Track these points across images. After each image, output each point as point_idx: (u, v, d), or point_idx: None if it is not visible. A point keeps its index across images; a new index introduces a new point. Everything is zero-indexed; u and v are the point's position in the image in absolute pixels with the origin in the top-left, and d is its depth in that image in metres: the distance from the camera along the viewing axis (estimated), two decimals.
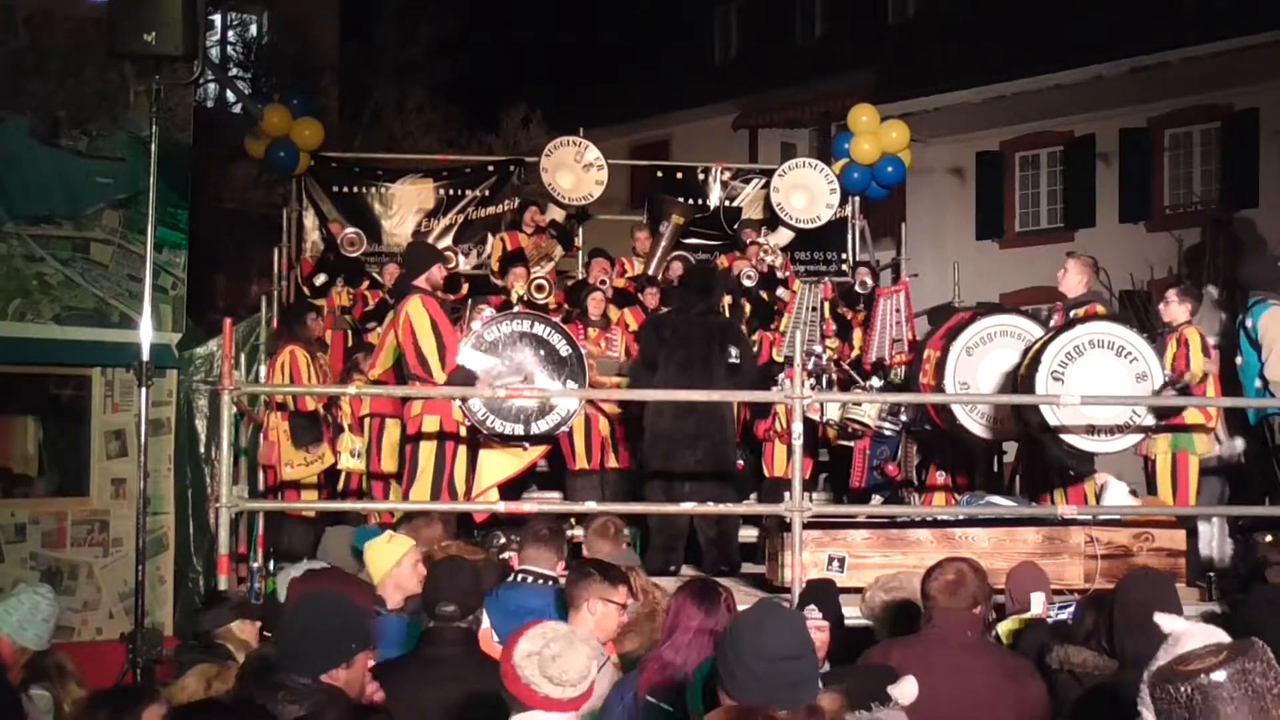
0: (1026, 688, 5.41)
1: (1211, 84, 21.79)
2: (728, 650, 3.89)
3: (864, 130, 15.65)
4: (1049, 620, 6.79)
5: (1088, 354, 9.18)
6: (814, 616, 6.21)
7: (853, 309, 13.86)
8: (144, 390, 9.34)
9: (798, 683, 3.83)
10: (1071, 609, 6.53)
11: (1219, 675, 2.84)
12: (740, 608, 6.28)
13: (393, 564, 6.69)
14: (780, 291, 13.92)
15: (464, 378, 9.46)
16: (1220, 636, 3.44)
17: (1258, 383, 10.73)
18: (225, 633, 6.30)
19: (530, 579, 6.34)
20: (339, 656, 4.36)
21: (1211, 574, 9.48)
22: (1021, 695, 5.35)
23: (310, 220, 15.56)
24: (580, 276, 14.58)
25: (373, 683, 4.61)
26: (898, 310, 13.01)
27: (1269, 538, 8.55)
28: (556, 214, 15.16)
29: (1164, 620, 3.54)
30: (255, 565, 10.12)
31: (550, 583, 6.31)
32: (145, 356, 9.29)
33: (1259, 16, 20.17)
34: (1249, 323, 10.86)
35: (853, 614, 7.04)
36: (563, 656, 4.02)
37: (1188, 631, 3.47)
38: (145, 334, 9.46)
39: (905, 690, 4.66)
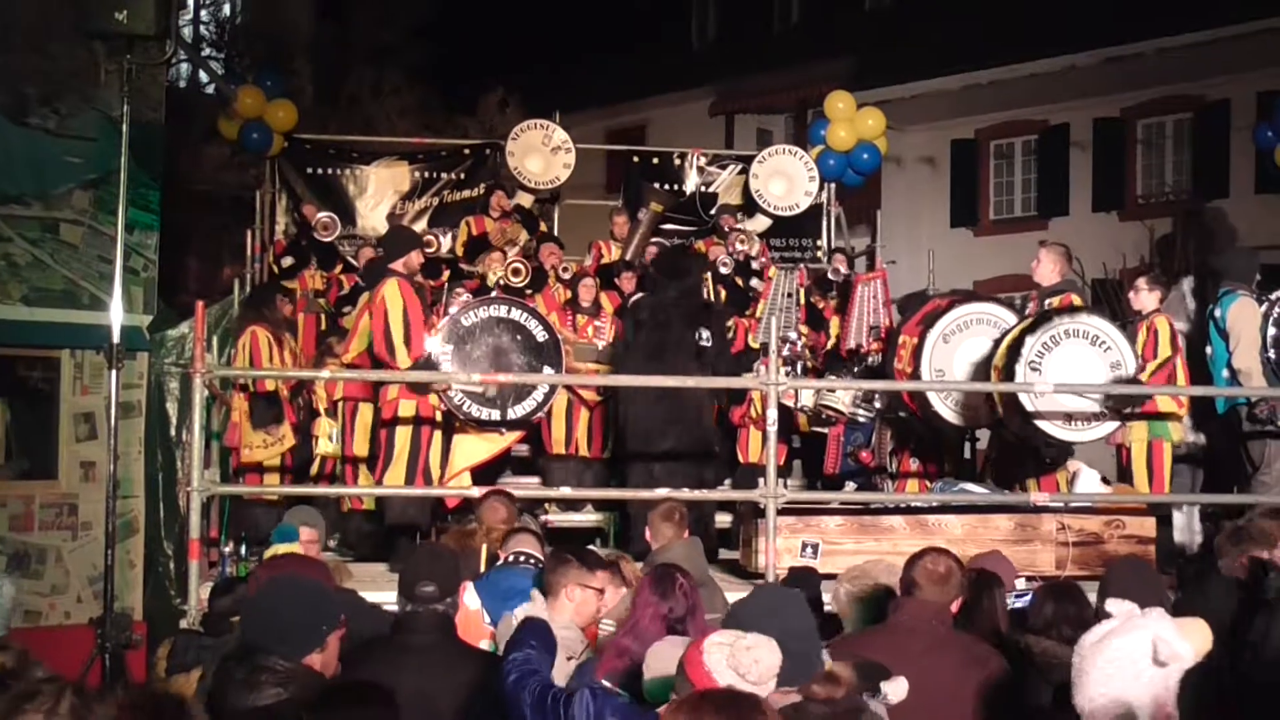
0: (991, 673, 5.44)
1: (1184, 75, 21.87)
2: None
3: (840, 117, 15.65)
4: (1008, 609, 6.81)
5: (1063, 344, 9.22)
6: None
7: (825, 296, 13.84)
8: (114, 373, 9.28)
9: (810, 659, 3.99)
10: (1029, 598, 6.55)
11: None
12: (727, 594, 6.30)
13: None
14: (755, 281, 13.91)
15: (428, 366, 9.43)
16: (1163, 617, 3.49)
17: (1225, 372, 10.79)
18: None
19: (523, 559, 6.34)
20: (313, 642, 4.35)
21: (1182, 560, 9.54)
22: (986, 681, 5.38)
23: (283, 202, 15.49)
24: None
25: None
26: (874, 297, 13.01)
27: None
28: (524, 199, 15.10)
29: (1113, 604, 3.58)
30: (227, 550, 10.07)
31: (537, 564, 6.30)
32: (115, 339, 9.23)
33: (1231, 8, 20.24)
34: (1218, 313, 10.93)
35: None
36: (757, 649, 3.93)
37: (1135, 612, 3.51)
38: (116, 316, 9.39)
39: (896, 689, 4.66)
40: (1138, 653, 3.51)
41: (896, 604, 5.60)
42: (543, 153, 15.19)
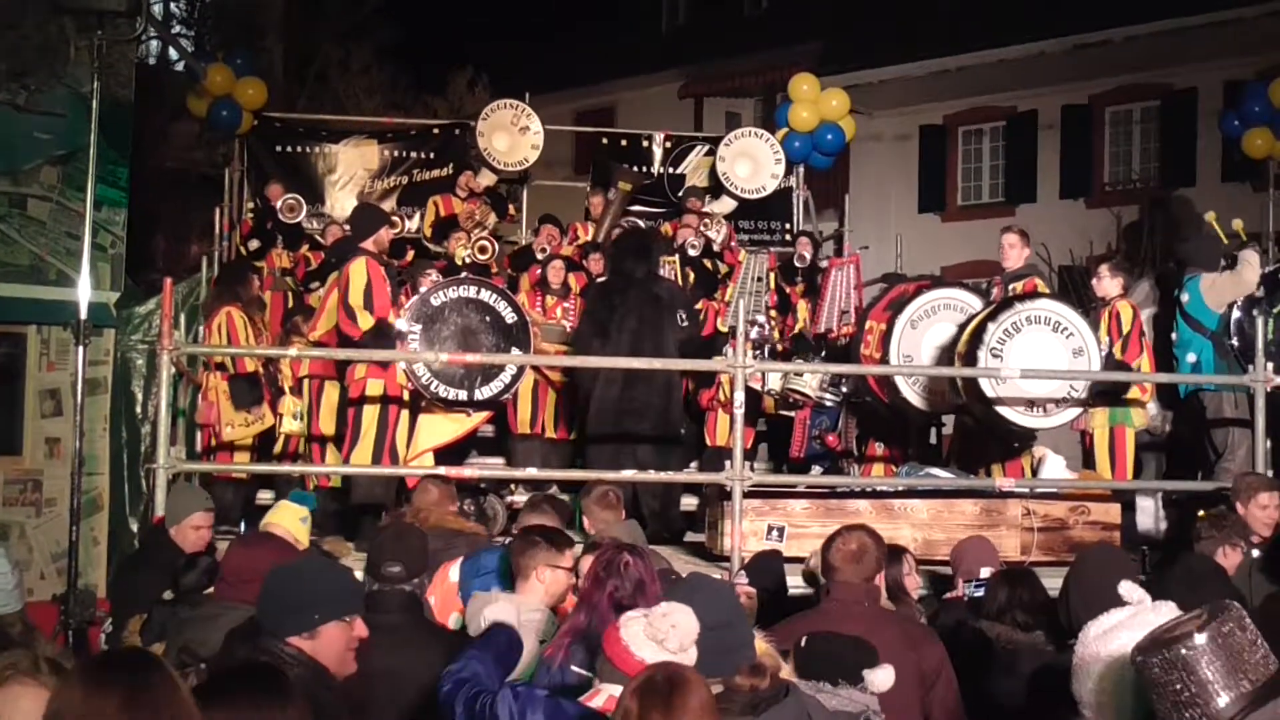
0: (926, 651, 5.50)
1: (1152, 63, 21.99)
2: None
3: (804, 99, 15.69)
4: (965, 599, 6.89)
5: (1025, 330, 9.27)
6: (740, 582, 6.23)
7: (790, 282, 13.87)
8: (81, 349, 9.26)
9: (730, 649, 3.95)
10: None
11: (1200, 639, 2.91)
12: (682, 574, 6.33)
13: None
14: (723, 264, 13.93)
15: (387, 331, 9.41)
16: (1170, 610, 3.48)
17: (1190, 357, 10.89)
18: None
19: None
20: (298, 625, 4.29)
21: (1145, 547, 9.62)
22: (921, 658, 5.44)
23: (252, 180, 15.45)
24: (525, 242, 14.53)
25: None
26: (846, 282, 13.06)
27: (1201, 513, 8.67)
28: (486, 178, 15.07)
29: (1127, 589, 3.58)
30: None
31: None
32: (83, 315, 9.21)
33: None
34: (1184, 297, 11.02)
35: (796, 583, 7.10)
36: (673, 614, 3.93)
37: (1145, 605, 3.50)
38: (83, 292, 9.38)
39: (880, 678, 4.68)
40: None
41: (826, 588, 5.61)
42: (510, 132, 15.15)
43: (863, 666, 4.69)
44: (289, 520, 6.95)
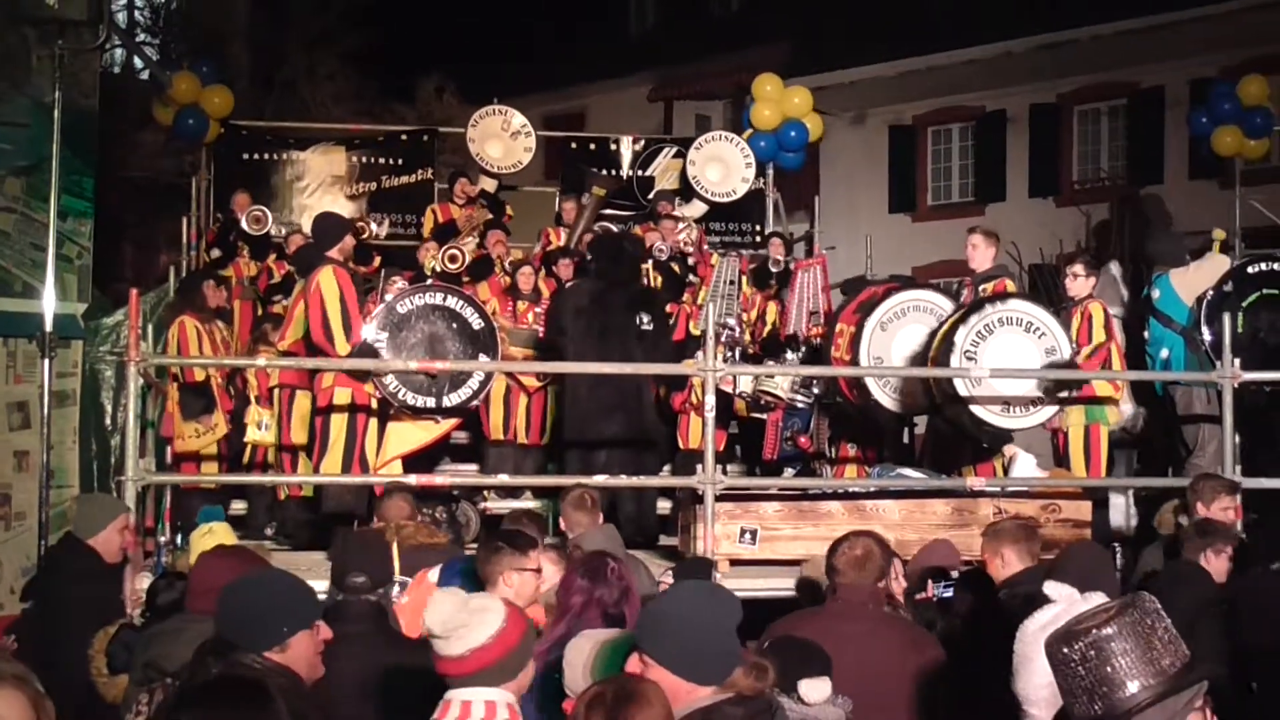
0: (927, 656, 5.49)
1: (1119, 61, 22.10)
2: (654, 621, 3.94)
3: (768, 98, 15.70)
4: (935, 599, 6.93)
5: (998, 332, 9.26)
6: (666, 582, 6.22)
7: (762, 287, 13.82)
8: (47, 361, 9.19)
9: (720, 654, 3.89)
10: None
11: (1109, 629, 2.94)
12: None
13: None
14: (691, 277, 13.89)
15: (367, 353, 9.36)
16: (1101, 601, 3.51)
17: (1162, 353, 10.92)
18: None
19: None
20: (270, 639, 4.27)
21: (1116, 544, 9.64)
22: (923, 663, 5.44)
23: (219, 189, 15.38)
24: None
25: None
26: (814, 283, 13.06)
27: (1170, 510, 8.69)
28: (487, 184, 15.05)
29: (1051, 588, 3.62)
30: (163, 539, 10.00)
31: None
32: (48, 327, 9.15)
33: None
34: (1155, 294, 11.05)
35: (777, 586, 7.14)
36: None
37: (1075, 596, 3.54)
38: (48, 304, 9.33)
39: (814, 690, 4.63)
40: None
41: (830, 588, 5.62)
42: (503, 138, 15.17)
43: (804, 675, 4.63)
44: (225, 539, 6.91)
